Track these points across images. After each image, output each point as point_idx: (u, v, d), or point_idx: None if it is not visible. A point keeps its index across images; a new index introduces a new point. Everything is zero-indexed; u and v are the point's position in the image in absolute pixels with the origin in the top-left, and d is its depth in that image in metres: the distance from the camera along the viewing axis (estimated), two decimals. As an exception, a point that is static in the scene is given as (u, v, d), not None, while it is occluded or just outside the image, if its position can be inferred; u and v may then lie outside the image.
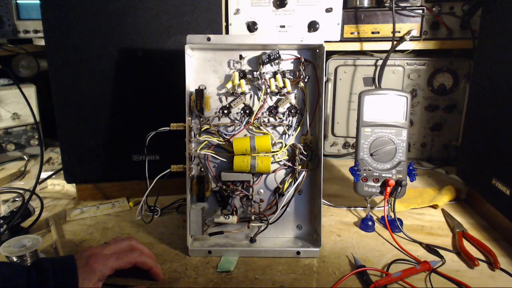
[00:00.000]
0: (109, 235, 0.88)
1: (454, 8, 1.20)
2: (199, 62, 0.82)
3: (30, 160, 1.31)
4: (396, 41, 1.21)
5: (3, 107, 1.27)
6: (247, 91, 0.81)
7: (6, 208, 0.96)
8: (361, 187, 0.89)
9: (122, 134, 1.00)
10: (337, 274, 0.74)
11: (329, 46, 1.21)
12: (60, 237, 0.86)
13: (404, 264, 0.76)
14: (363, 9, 1.22)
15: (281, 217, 0.82)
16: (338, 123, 1.32)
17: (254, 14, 1.20)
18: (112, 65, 0.96)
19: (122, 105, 0.99)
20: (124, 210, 0.99)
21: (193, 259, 0.79)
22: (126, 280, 0.71)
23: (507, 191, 0.81)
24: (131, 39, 0.95)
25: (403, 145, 0.87)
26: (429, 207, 1.00)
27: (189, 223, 0.79)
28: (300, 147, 0.81)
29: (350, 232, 0.89)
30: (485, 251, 0.80)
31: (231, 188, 0.82)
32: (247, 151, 0.80)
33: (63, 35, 0.93)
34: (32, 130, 1.33)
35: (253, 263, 0.77)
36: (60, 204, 1.02)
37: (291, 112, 0.82)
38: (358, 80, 1.27)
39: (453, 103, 1.26)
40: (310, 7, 1.18)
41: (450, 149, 1.29)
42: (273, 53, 0.79)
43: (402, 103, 0.86)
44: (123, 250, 0.70)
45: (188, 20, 0.96)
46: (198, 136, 0.81)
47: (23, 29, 1.32)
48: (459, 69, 1.24)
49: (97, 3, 0.92)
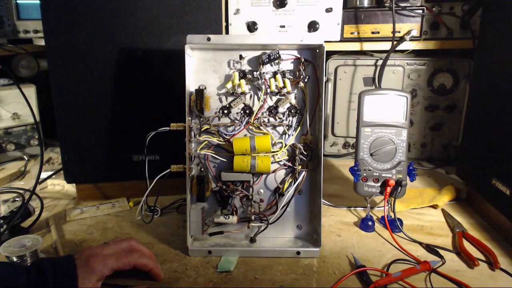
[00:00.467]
0: (109, 235, 0.88)
1: (454, 8, 1.20)
2: (199, 62, 0.82)
3: (30, 160, 1.31)
4: (396, 41, 1.21)
5: (3, 107, 1.27)
6: (247, 91, 0.81)
7: (6, 208, 0.96)
8: (361, 187, 0.89)
9: (122, 134, 1.00)
10: (337, 274, 0.74)
11: (329, 46, 1.21)
12: (60, 237, 0.86)
13: (404, 264, 0.76)
14: (363, 9, 1.22)
15: (281, 217, 0.82)
16: (338, 123, 1.32)
17: (254, 14, 1.20)
18: (112, 65, 0.96)
19: (122, 105, 0.99)
20: (124, 210, 0.99)
21: (193, 259, 0.79)
22: (126, 280, 0.71)
23: (507, 191, 0.81)
24: (131, 39, 0.95)
25: (403, 145, 0.87)
26: (429, 207, 1.00)
27: (189, 223, 0.79)
28: (300, 147, 0.81)
29: (350, 232, 0.89)
30: (485, 251, 0.80)
31: (231, 188, 0.82)
32: (247, 151, 0.80)
33: (63, 35, 0.93)
34: (32, 130, 1.33)
35: (253, 263, 0.77)
36: (60, 204, 1.02)
37: (291, 112, 0.82)
38: (358, 80, 1.27)
39: (453, 103, 1.26)
40: (310, 7, 1.18)
41: (450, 149, 1.29)
42: (273, 53, 0.79)
43: (402, 103, 0.86)
44: (123, 251, 0.70)
45: (188, 20, 0.96)
46: (198, 136, 0.81)
47: (23, 29, 1.32)
48: (459, 69, 1.24)
49: (97, 3, 0.92)
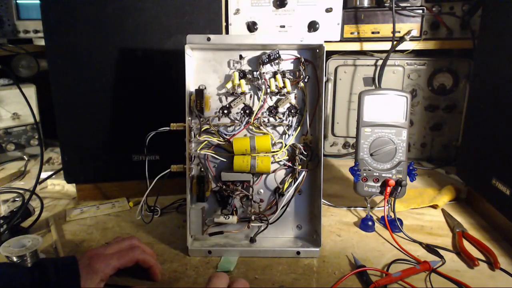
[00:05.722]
0: (109, 235, 0.88)
1: (454, 8, 1.20)
2: (199, 62, 0.82)
3: (30, 160, 1.31)
4: (396, 41, 1.21)
5: (3, 107, 1.27)
6: (247, 91, 0.81)
7: (6, 208, 0.96)
8: (361, 187, 0.89)
9: (122, 134, 1.00)
10: (337, 274, 0.74)
11: (329, 46, 1.21)
12: (60, 237, 0.86)
13: (404, 264, 0.76)
14: (363, 9, 1.22)
15: (281, 217, 0.82)
16: (338, 123, 1.32)
17: (254, 14, 1.20)
18: (112, 65, 0.96)
19: (122, 105, 0.99)
20: (124, 210, 0.99)
21: (193, 259, 0.79)
22: (126, 279, 0.71)
23: (507, 191, 0.81)
24: (131, 39, 0.95)
25: (403, 145, 0.87)
26: (429, 207, 1.00)
27: (189, 223, 0.79)
28: (300, 147, 0.81)
29: (350, 232, 0.89)
30: (485, 251, 0.80)
31: (231, 188, 0.82)
32: (247, 151, 0.80)
33: (63, 35, 0.93)
34: (32, 130, 1.33)
35: (253, 263, 0.77)
36: (60, 204, 1.02)
37: (291, 112, 0.82)
38: (358, 80, 1.27)
39: (453, 103, 1.26)
40: (310, 7, 1.18)
41: (450, 149, 1.29)
42: (273, 53, 0.79)
43: (402, 103, 0.86)
44: (125, 249, 0.70)
45: (188, 20, 0.96)
46: (198, 136, 0.81)
47: (23, 29, 1.32)
48: (459, 69, 1.24)
49: (97, 3, 0.92)
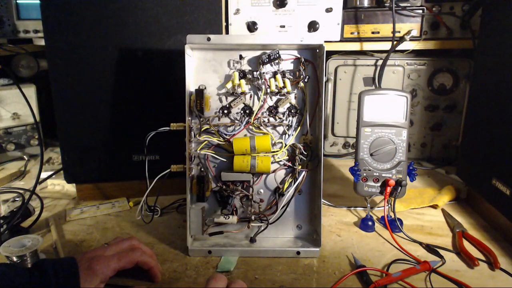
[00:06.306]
0: (109, 235, 0.88)
1: (454, 8, 1.20)
2: (199, 62, 0.82)
3: (30, 160, 1.31)
4: (396, 41, 1.21)
5: (3, 107, 1.27)
6: (247, 91, 0.81)
7: (6, 208, 0.96)
8: (361, 187, 0.89)
9: (122, 134, 1.00)
10: (337, 274, 0.74)
11: (329, 46, 1.21)
12: (60, 237, 0.86)
13: (404, 264, 0.76)
14: (363, 9, 1.22)
15: (281, 217, 0.82)
16: (338, 123, 1.32)
17: (254, 14, 1.19)
18: (112, 65, 0.96)
19: (122, 105, 0.99)
20: (124, 210, 0.99)
21: (193, 259, 0.79)
22: (126, 280, 0.71)
23: (507, 191, 0.81)
24: (131, 39, 0.95)
25: (403, 145, 0.87)
26: (429, 207, 1.00)
27: (189, 223, 0.79)
28: (300, 147, 0.81)
29: (350, 232, 0.89)
30: (485, 251, 0.80)
31: (231, 188, 0.82)
32: (247, 151, 0.80)
33: (63, 35, 0.93)
34: (32, 130, 1.33)
35: (253, 263, 0.77)
36: (60, 204, 1.02)
37: (291, 112, 0.82)
38: (358, 80, 1.27)
39: (453, 103, 1.26)
40: (310, 7, 1.18)
41: (450, 149, 1.29)
42: (273, 53, 0.79)
43: (402, 103, 0.86)
44: (125, 250, 0.70)
45: (188, 20, 0.96)
46: (198, 136, 0.81)
47: (23, 29, 1.32)
48: (459, 69, 1.24)
49: (97, 3, 0.92)
